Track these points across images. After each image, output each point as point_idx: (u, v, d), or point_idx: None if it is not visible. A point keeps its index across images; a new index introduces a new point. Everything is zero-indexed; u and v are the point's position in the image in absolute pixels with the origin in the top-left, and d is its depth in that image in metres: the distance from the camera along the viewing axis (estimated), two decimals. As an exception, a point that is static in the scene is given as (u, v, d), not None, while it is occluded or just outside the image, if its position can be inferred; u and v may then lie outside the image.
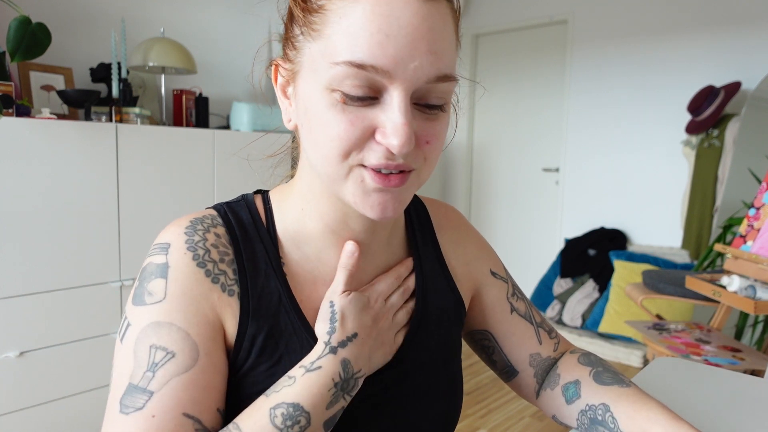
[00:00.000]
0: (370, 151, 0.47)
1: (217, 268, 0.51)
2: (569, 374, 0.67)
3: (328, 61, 0.45)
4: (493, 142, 4.15)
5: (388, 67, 0.44)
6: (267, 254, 0.55)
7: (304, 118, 0.49)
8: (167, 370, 0.46)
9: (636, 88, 3.38)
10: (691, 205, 3.05)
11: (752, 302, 1.61)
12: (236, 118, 2.53)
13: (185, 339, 0.48)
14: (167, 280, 0.49)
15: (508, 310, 0.70)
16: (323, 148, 0.47)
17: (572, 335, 3.24)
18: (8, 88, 1.84)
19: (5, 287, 1.79)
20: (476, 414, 2.36)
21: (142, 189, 2.09)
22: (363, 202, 0.48)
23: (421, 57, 0.44)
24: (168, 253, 0.51)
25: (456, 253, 0.68)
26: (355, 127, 0.46)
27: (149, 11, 2.54)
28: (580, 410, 0.63)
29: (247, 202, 0.58)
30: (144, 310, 0.49)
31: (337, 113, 0.46)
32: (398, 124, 0.45)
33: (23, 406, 1.85)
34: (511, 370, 0.71)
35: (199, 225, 0.53)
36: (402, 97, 0.45)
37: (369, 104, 0.46)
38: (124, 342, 0.49)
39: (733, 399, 0.77)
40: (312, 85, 0.48)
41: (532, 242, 3.97)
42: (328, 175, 0.49)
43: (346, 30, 0.44)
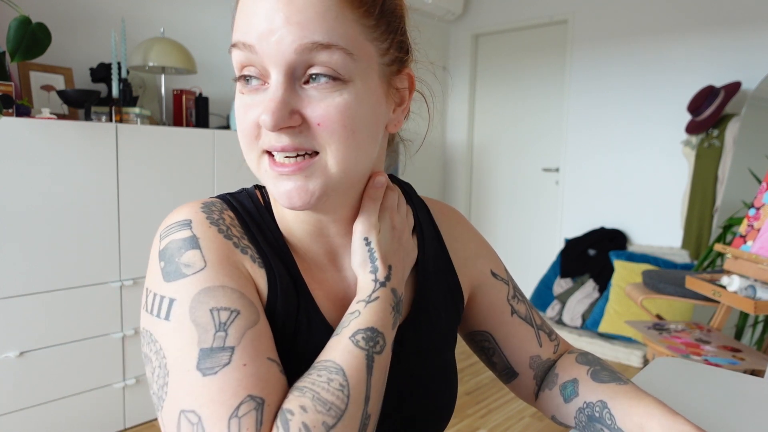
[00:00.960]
0: (263, 137, 0.49)
1: (242, 242, 0.52)
2: (567, 373, 0.67)
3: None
4: (493, 142, 4.15)
5: (252, 41, 0.46)
6: (274, 239, 0.56)
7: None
8: (239, 326, 0.46)
9: (636, 88, 3.38)
10: (691, 205, 3.05)
11: (752, 302, 1.61)
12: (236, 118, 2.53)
13: (242, 297, 0.48)
14: (201, 250, 0.49)
15: (508, 312, 0.70)
16: (240, 138, 0.52)
17: (572, 335, 3.24)
18: (8, 88, 1.84)
19: (5, 287, 1.79)
20: (476, 414, 2.36)
21: (142, 189, 2.09)
22: (275, 191, 0.50)
23: (280, 29, 0.45)
24: (191, 227, 0.51)
25: (455, 248, 0.69)
26: (248, 115, 0.49)
27: (149, 11, 2.54)
28: (578, 408, 0.64)
29: (248, 193, 0.59)
30: (186, 281, 0.47)
31: (239, 105, 0.50)
32: (267, 101, 0.47)
33: (23, 406, 1.85)
34: (511, 372, 0.71)
35: (213, 206, 0.54)
36: (275, 74, 0.47)
37: (259, 92, 0.48)
38: (172, 318, 0.46)
39: (733, 399, 0.77)
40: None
41: (532, 242, 3.97)
42: (251, 166, 0.52)
43: (236, 20, 0.49)
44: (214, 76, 2.78)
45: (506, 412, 2.38)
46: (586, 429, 0.63)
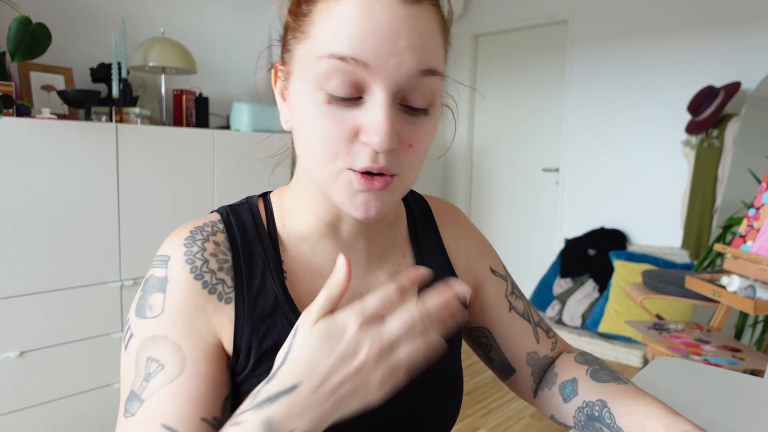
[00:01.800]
0: (356, 154, 0.47)
1: (214, 278, 0.53)
2: (566, 373, 0.68)
3: (314, 56, 0.47)
4: (493, 142, 4.15)
5: (368, 59, 0.45)
6: (265, 256, 0.56)
7: (295, 120, 0.51)
8: (157, 381, 0.49)
9: (636, 88, 3.38)
10: (691, 205, 3.05)
11: (752, 302, 1.61)
12: (236, 118, 2.53)
13: (176, 351, 0.50)
14: (165, 295, 0.51)
15: (506, 308, 0.70)
16: (312, 149, 0.49)
17: (572, 335, 3.24)
18: (8, 88, 1.84)
19: (5, 287, 1.79)
20: (476, 414, 2.36)
21: (142, 189, 2.09)
22: (349, 203, 0.50)
23: (401, 53, 0.46)
24: (168, 266, 0.52)
25: (456, 248, 0.69)
26: (338, 129, 0.47)
27: (149, 11, 2.54)
28: (577, 407, 0.64)
29: (249, 205, 0.60)
30: (145, 323, 0.51)
31: (323, 114, 0.47)
32: (379, 121, 0.46)
33: (23, 406, 1.85)
34: (508, 368, 0.71)
35: (199, 235, 0.54)
36: (383, 94, 0.46)
37: (353, 105, 0.47)
38: (128, 350, 0.52)
39: (733, 399, 0.77)
40: (301, 85, 0.49)
41: (532, 242, 3.97)
42: (318, 176, 0.50)
43: (329, 27, 0.46)
44: (214, 76, 2.78)
45: (506, 412, 2.38)
46: (586, 428, 0.63)
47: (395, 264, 0.63)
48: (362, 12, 0.45)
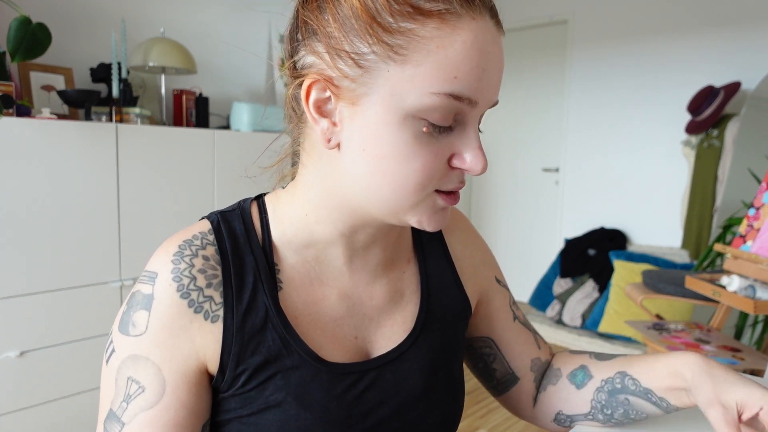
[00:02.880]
0: (447, 178, 0.49)
1: (202, 296, 0.51)
2: (570, 364, 0.69)
3: (422, 89, 0.45)
4: (493, 142, 4.15)
5: (479, 98, 0.47)
6: (257, 266, 0.54)
7: (369, 143, 0.47)
8: (137, 404, 0.49)
9: (636, 88, 3.38)
10: (691, 205, 3.05)
11: (752, 302, 1.61)
12: (236, 118, 2.53)
13: (156, 375, 0.49)
14: (150, 313, 0.50)
15: (511, 318, 0.71)
16: (399, 177, 0.47)
17: (572, 335, 3.24)
18: (8, 88, 1.84)
19: (5, 287, 1.79)
20: (476, 414, 2.36)
21: (142, 189, 2.09)
22: (428, 220, 0.51)
23: (495, 87, 0.48)
24: (155, 283, 0.51)
25: (464, 255, 0.69)
26: (438, 158, 0.47)
27: (149, 11, 2.54)
28: (595, 388, 0.65)
29: (242, 211, 0.57)
30: (127, 340, 0.50)
31: (422, 144, 0.46)
32: (477, 149, 0.48)
33: (23, 406, 1.85)
34: (512, 377, 0.71)
35: (188, 250, 0.52)
36: (476, 123, 0.49)
37: (447, 132, 0.48)
38: (109, 366, 0.51)
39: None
40: (389, 110, 0.46)
41: (532, 242, 3.97)
42: (393, 204, 0.49)
43: (444, 61, 0.44)
44: (214, 76, 2.78)
45: (506, 412, 2.38)
46: (606, 407, 0.64)
47: (400, 271, 0.62)
48: (479, 48, 0.45)
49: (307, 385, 0.53)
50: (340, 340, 0.56)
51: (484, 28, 0.46)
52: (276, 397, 0.52)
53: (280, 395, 0.52)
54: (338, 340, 0.56)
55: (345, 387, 0.54)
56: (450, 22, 0.44)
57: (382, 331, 0.59)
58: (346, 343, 0.57)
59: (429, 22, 0.44)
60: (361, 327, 0.58)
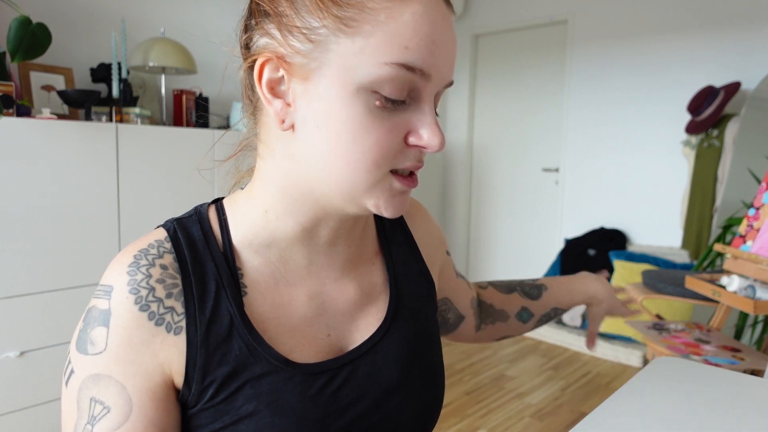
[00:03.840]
0: (403, 156, 0.48)
1: (162, 307, 0.49)
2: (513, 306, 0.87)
3: (373, 60, 0.44)
4: (493, 142, 4.15)
5: (432, 71, 0.46)
6: (218, 273, 0.51)
7: (323, 119, 0.47)
8: (103, 426, 0.47)
9: (636, 88, 3.38)
10: (690, 205, 3.05)
11: (752, 302, 1.61)
12: (236, 118, 2.53)
13: (121, 393, 0.47)
14: (108, 329, 0.48)
15: (454, 276, 0.80)
16: (354, 153, 0.46)
17: (572, 335, 3.24)
18: (8, 88, 1.84)
19: (5, 287, 1.79)
20: (476, 414, 2.36)
21: (142, 189, 2.09)
22: (386, 204, 0.50)
23: (449, 64, 0.48)
24: (111, 297, 0.48)
25: (427, 242, 0.71)
26: (393, 134, 0.47)
27: (149, 11, 2.54)
28: (536, 321, 0.89)
29: (199, 216, 0.55)
30: (86, 359, 0.48)
31: (375, 119, 0.46)
32: (433, 125, 0.47)
33: (23, 406, 1.85)
34: (460, 318, 0.81)
35: (143, 259, 0.50)
36: (431, 99, 0.48)
37: (401, 108, 0.47)
38: (69, 387, 0.49)
39: (733, 399, 0.77)
40: (342, 82, 0.45)
41: (532, 242, 3.97)
42: (349, 184, 0.48)
43: (396, 31, 0.44)
44: (214, 76, 2.79)
45: (506, 412, 2.38)
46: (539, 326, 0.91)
47: (369, 264, 0.62)
48: (429, 21, 0.45)
49: (279, 391, 0.51)
50: (311, 340, 0.55)
51: (433, 2, 0.46)
52: (247, 407, 0.50)
53: (251, 405, 0.50)
54: (309, 340, 0.55)
55: (319, 386, 0.53)
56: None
57: (356, 325, 0.58)
58: (318, 342, 0.55)
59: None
60: (333, 324, 0.57)
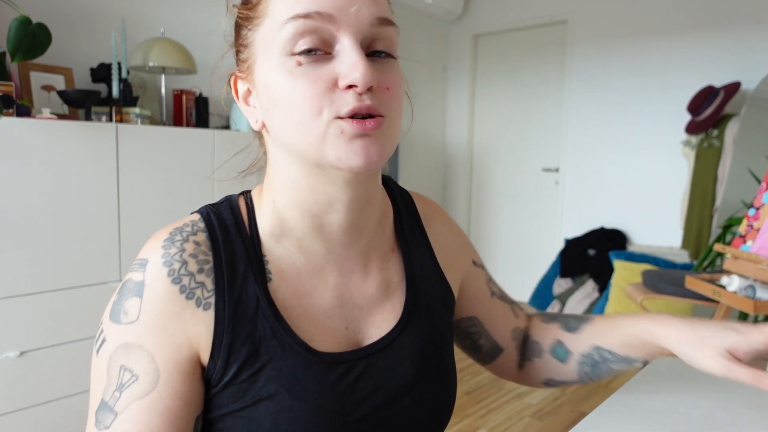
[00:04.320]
0: (339, 101, 0.48)
1: (193, 281, 0.51)
2: (547, 338, 0.74)
3: (277, 27, 0.49)
4: (493, 142, 4.16)
5: (331, 10, 0.47)
6: (247, 256, 0.54)
7: (268, 102, 0.51)
8: (130, 393, 0.48)
9: (636, 88, 3.38)
10: (690, 205, 3.05)
11: (752, 302, 1.61)
12: (236, 118, 2.54)
13: (149, 363, 0.49)
14: (142, 300, 0.49)
15: (489, 294, 0.74)
16: (294, 115, 0.49)
17: (572, 335, 3.24)
18: (8, 88, 1.84)
19: (5, 287, 1.79)
20: (476, 414, 2.36)
21: (142, 189, 2.09)
22: (347, 153, 0.48)
23: (358, 2, 0.48)
24: (145, 270, 0.51)
25: (444, 244, 0.70)
26: (317, 83, 0.48)
27: (149, 11, 2.54)
28: (578, 363, 0.70)
29: (230, 203, 0.58)
30: (119, 329, 0.50)
31: (298, 77, 0.48)
32: (355, 60, 0.47)
33: (23, 406, 1.85)
34: (497, 348, 0.75)
35: (178, 235, 0.52)
36: (352, 40, 0.48)
37: (324, 60, 0.48)
38: (100, 356, 0.50)
39: (733, 399, 0.77)
40: (267, 63, 0.50)
41: (532, 242, 3.97)
42: (307, 139, 0.49)
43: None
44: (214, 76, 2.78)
45: (506, 412, 2.39)
46: (592, 375, 0.70)
47: (385, 260, 0.63)
48: None
49: (299, 376, 0.52)
50: (330, 331, 0.56)
51: None
52: (268, 389, 0.51)
53: (272, 386, 0.51)
54: (329, 331, 0.56)
55: (337, 376, 0.54)
56: None
57: (372, 320, 0.59)
58: (337, 334, 0.56)
59: None
60: (351, 317, 0.58)
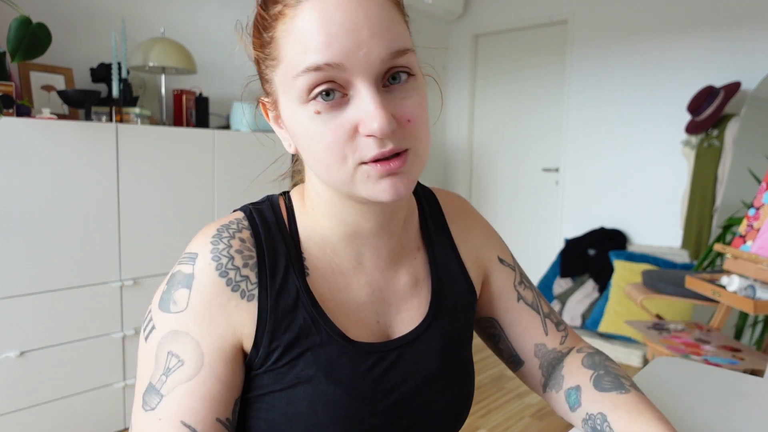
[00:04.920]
0: (362, 147, 0.49)
1: (239, 275, 0.54)
2: (572, 378, 0.67)
3: (291, 77, 0.49)
4: (493, 142, 4.15)
5: (340, 59, 0.47)
6: (288, 252, 0.58)
7: (297, 140, 0.54)
8: (176, 377, 0.51)
9: (636, 88, 3.38)
10: (690, 205, 3.05)
11: (752, 302, 1.61)
12: (237, 118, 2.53)
13: (195, 349, 0.52)
14: (191, 291, 0.53)
15: (514, 298, 0.71)
16: (321, 160, 0.51)
17: (572, 335, 3.24)
18: (9, 88, 1.84)
19: (5, 287, 1.79)
20: (476, 414, 2.36)
21: (142, 189, 2.09)
22: (375, 191, 0.51)
23: (366, 43, 0.47)
24: (195, 263, 0.54)
25: (465, 240, 0.70)
26: (337, 132, 0.49)
27: (149, 11, 2.54)
28: (582, 418, 0.64)
29: (271, 203, 0.62)
30: (168, 317, 0.53)
31: (319, 125, 0.49)
32: (371, 110, 0.47)
33: (23, 406, 1.85)
34: (517, 359, 0.72)
35: (225, 232, 0.56)
36: (366, 85, 0.48)
37: (341, 106, 0.49)
38: (149, 342, 0.54)
39: (733, 399, 0.77)
40: (290, 106, 0.52)
41: (532, 242, 3.97)
42: (337, 181, 0.52)
43: (294, 44, 0.49)
44: (214, 76, 2.79)
45: (506, 412, 2.39)
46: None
47: (412, 258, 0.65)
48: (318, 18, 0.47)
49: (335, 362, 0.56)
50: (363, 324, 0.60)
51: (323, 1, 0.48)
52: (307, 373, 0.55)
53: (310, 371, 0.55)
54: (362, 324, 0.60)
55: (370, 365, 0.58)
56: (290, 14, 0.49)
57: (401, 316, 0.62)
58: (370, 327, 0.60)
59: (278, 23, 0.50)
60: (382, 312, 0.61)
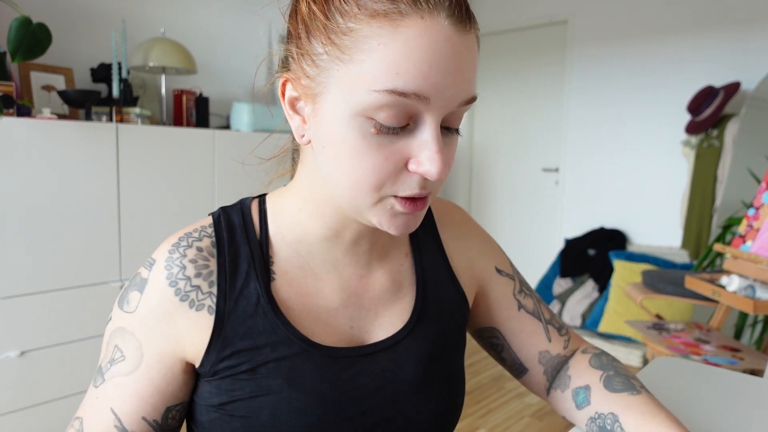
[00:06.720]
0: (403, 182, 0.48)
1: (189, 285, 0.54)
2: (580, 378, 0.66)
3: (365, 87, 0.45)
4: (493, 142, 4.16)
5: (429, 93, 0.45)
6: (252, 256, 0.57)
7: (327, 140, 0.49)
8: (117, 368, 0.55)
9: (636, 88, 3.38)
10: (690, 205, 3.05)
11: (751, 302, 1.61)
12: (237, 118, 2.54)
13: (137, 349, 0.54)
14: (142, 296, 0.55)
15: (515, 307, 0.70)
16: (352, 176, 0.48)
17: (572, 335, 3.24)
18: (9, 88, 1.84)
19: (6, 287, 1.79)
20: (476, 414, 2.37)
21: (142, 189, 2.09)
22: (389, 223, 0.50)
23: (458, 86, 0.46)
24: (151, 269, 0.56)
25: (458, 249, 0.68)
26: (389, 161, 0.47)
27: (149, 11, 2.54)
28: (589, 417, 0.63)
29: (242, 206, 0.60)
30: (121, 314, 0.56)
31: (371, 145, 0.46)
32: (434, 153, 0.46)
33: (23, 406, 1.85)
34: (521, 367, 0.71)
35: (184, 241, 0.56)
36: (435, 124, 0.46)
37: (401, 134, 0.47)
38: (107, 330, 0.57)
39: (733, 399, 0.77)
40: (340, 108, 0.47)
41: (532, 242, 3.97)
42: (353, 201, 0.50)
43: (386, 58, 0.44)
44: (214, 76, 2.79)
45: (506, 412, 2.39)
46: None
47: (397, 264, 0.63)
48: (425, 45, 0.44)
49: (298, 368, 0.54)
50: (333, 329, 0.57)
51: (433, 27, 0.44)
52: (268, 382, 0.54)
53: (271, 380, 0.54)
54: (331, 329, 0.57)
55: (337, 370, 0.56)
56: (394, 21, 0.44)
57: (380, 321, 0.60)
58: (340, 332, 0.58)
59: (373, 21, 0.44)
60: (357, 317, 0.59)
